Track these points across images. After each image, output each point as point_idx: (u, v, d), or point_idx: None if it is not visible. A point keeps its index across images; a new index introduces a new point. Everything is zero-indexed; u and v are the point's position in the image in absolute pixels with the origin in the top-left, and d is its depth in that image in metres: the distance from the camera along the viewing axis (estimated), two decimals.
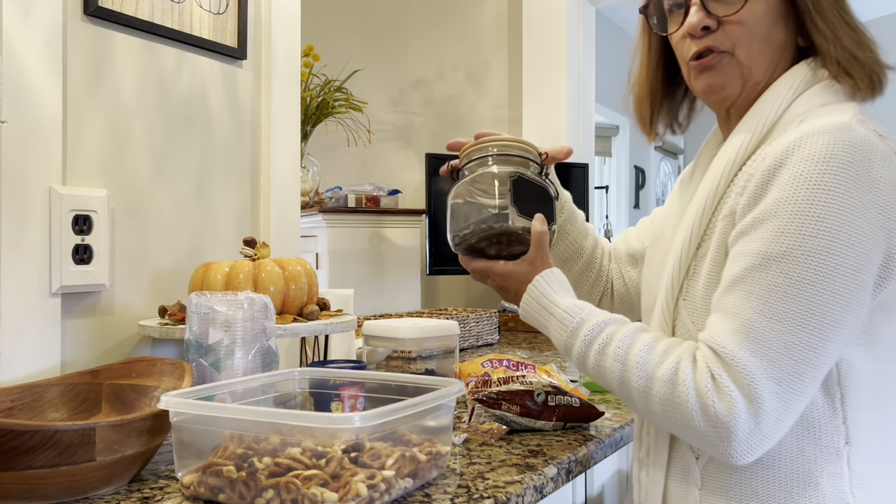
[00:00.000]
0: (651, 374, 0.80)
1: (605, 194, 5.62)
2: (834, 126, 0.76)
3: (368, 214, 2.53)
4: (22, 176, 1.07)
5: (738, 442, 0.74)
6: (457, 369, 1.43)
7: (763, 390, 0.73)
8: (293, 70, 1.56)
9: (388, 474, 0.81)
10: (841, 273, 0.73)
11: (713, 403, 0.74)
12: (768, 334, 0.73)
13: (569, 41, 2.73)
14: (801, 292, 0.73)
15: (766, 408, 0.73)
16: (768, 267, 0.75)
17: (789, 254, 0.74)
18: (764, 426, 0.74)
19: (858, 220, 0.73)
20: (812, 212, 0.73)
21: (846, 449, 0.80)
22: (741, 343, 0.74)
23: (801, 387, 0.74)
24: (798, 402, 0.75)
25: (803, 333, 0.73)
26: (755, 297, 0.75)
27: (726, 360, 0.75)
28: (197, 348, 1.06)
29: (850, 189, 0.73)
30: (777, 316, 0.73)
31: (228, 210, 1.45)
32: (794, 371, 0.73)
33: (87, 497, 0.85)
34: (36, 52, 1.09)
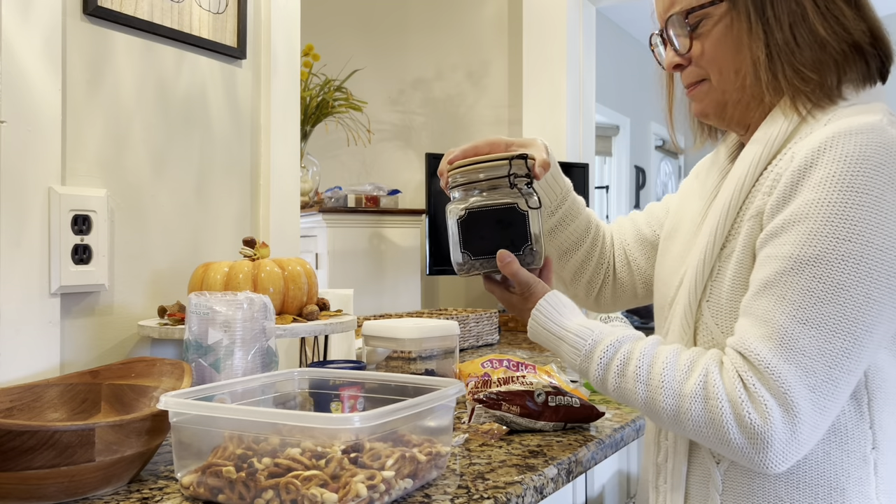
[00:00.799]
0: (679, 391, 0.78)
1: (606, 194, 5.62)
2: (865, 126, 0.75)
3: (368, 214, 2.53)
4: (21, 176, 1.07)
5: (775, 452, 0.73)
6: (457, 369, 1.43)
7: (798, 398, 0.71)
8: (293, 70, 1.56)
9: (388, 475, 0.81)
10: (875, 278, 0.72)
11: (748, 415, 0.73)
12: (802, 340, 0.72)
13: (569, 41, 2.73)
14: (835, 297, 0.72)
15: (801, 416, 0.72)
16: (801, 271, 0.73)
17: (822, 258, 0.72)
18: (800, 435, 0.72)
19: (892, 224, 0.72)
20: (845, 214, 0.72)
21: (873, 454, 0.79)
22: (774, 349, 0.73)
23: (835, 393, 0.72)
24: (833, 409, 0.73)
25: (838, 339, 0.71)
26: (787, 301, 0.73)
27: (759, 368, 0.73)
28: (196, 348, 1.06)
29: (884, 192, 0.72)
30: (810, 322, 0.72)
31: (228, 210, 1.45)
32: (828, 378, 0.72)
33: (87, 497, 0.85)
34: (35, 51, 1.09)
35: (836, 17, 0.82)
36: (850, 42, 0.82)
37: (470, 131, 2.95)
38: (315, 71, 2.43)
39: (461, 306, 2.86)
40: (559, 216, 1.10)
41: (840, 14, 0.82)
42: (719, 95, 0.89)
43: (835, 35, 0.81)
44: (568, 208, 1.11)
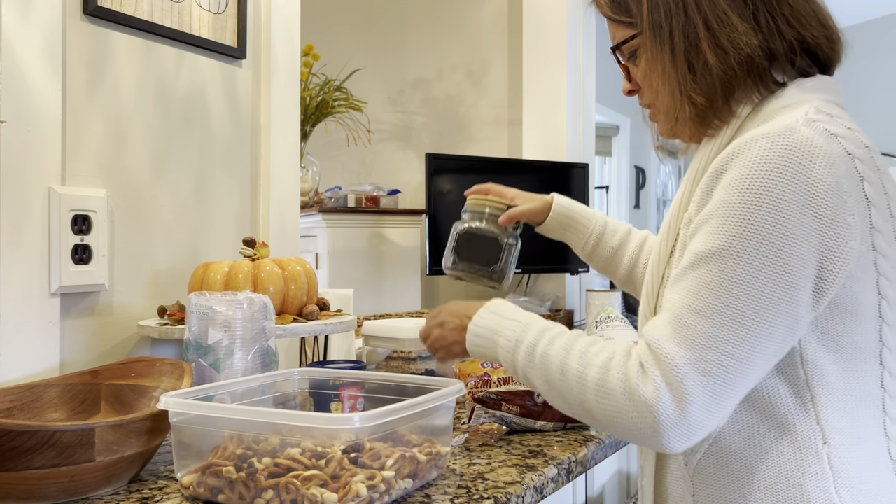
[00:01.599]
0: (590, 361, 0.82)
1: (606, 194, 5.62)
2: (775, 130, 0.78)
3: (368, 214, 2.53)
4: (21, 176, 1.07)
5: (665, 429, 0.75)
6: (457, 369, 1.43)
7: (686, 380, 0.74)
8: (293, 69, 1.56)
9: (388, 475, 0.81)
10: (769, 274, 0.75)
11: (638, 387, 0.76)
12: (694, 328, 0.75)
13: (569, 41, 2.72)
14: (729, 290, 0.75)
15: (690, 397, 0.74)
16: (701, 265, 0.77)
17: (719, 253, 0.76)
18: (690, 416, 0.74)
19: (790, 223, 0.75)
20: (743, 214, 0.75)
21: (825, 449, 0.81)
22: (670, 336, 0.77)
23: (728, 380, 0.75)
24: (727, 396, 0.75)
25: (729, 328, 0.74)
26: (687, 292, 0.78)
27: (655, 351, 0.77)
28: (196, 348, 1.06)
29: (784, 192, 0.75)
30: (704, 311, 0.75)
31: (228, 210, 1.45)
32: (719, 363, 0.74)
33: (87, 497, 0.85)
34: (35, 51, 1.09)
35: (729, 35, 0.85)
36: (739, 59, 0.85)
37: (470, 131, 2.95)
38: (315, 71, 2.43)
39: None
40: (590, 248, 1.26)
41: (733, 32, 0.85)
42: (663, 117, 0.95)
43: (723, 56, 0.85)
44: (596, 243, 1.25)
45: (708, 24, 0.86)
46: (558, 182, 2.56)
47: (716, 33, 0.86)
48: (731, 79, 0.86)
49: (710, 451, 0.85)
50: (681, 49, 0.87)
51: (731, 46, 0.85)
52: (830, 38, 0.89)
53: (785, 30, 0.87)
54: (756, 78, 0.87)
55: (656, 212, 6.14)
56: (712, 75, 0.86)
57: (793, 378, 0.81)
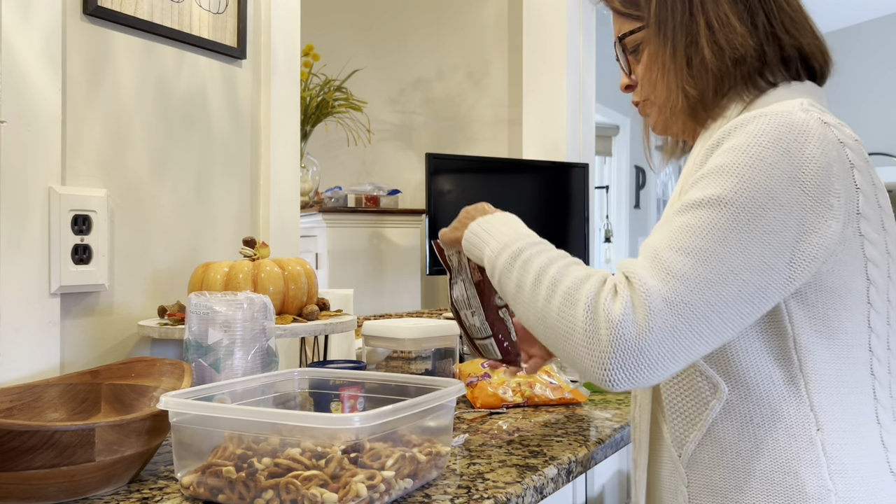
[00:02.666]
0: (569, 272, 0.82)
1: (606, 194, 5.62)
2: (774, 110, 0.81)
3: (368, 214, 2.53)
4: (21, 176, 1.07)
5: (616, 351, 0.74)
6: (457, 369, 1.43)
7: (653, 306, 0.74)
8: (293, 70, 1.56)
9: (388, 475, 0.81)
10: (749, 230, 0.76)
11: (606, 302, 0.76)
12: (670, 262, 0.76)
13: (569, 41, 2.72)
14: (710, 234, 0.77)
15: (651, 324, 0.74)
16: (685, 212, 0.79)
17: (706, 202, 0.78)
18: (645, 344, 0.74)
19: (777, 190, 0.77)
20: (735, 172, 0.78)
21: (819, 436, 0.82)
22: (645, 266, 0.78)
23: (691, 320, 0.74)
24: (685, 338, 0.75)
25: (703, 269, 0.75)
26: (668, 233, 0.79)
27: (629, 277, 0.77)
28: (196, 348, 1.06)
29: (777, 161, 0.78)
30: (682, 249, 0.77)
31: (228, 210, 1.45)
32: (686, 301, 0.74)
33: (87, 497, 0.85)
34: (35, 51, 1.09)
35: (727, 35, 0.90)
36: (734, 58, 0.90)
37: (470, 131, 2.95)
38: (315, 71, 2.43)
39: None
40: None
41: (731, 33, 0.90)
42: (658, 112, 0.98)
43: (719, 53, 0.90)
44: None
45: (709, 23, 0.91)
46: (558, 182, 2.56)
47: (715, 32, 0.90)
48: (724, 75, 0.90)
49: (703, 442, 0.86)
50: (681, 44, 0.92)
51: (728, 45, 0.90)
52: (823, 49, 0.95)
53: (782, 35, 0.92)
54: (747, 77, 0.91)
55: (656, 212, 6.14)
56: (707, 70, 0.90)
57: (786, 364, 0.83)
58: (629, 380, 0.75)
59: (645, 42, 0.96)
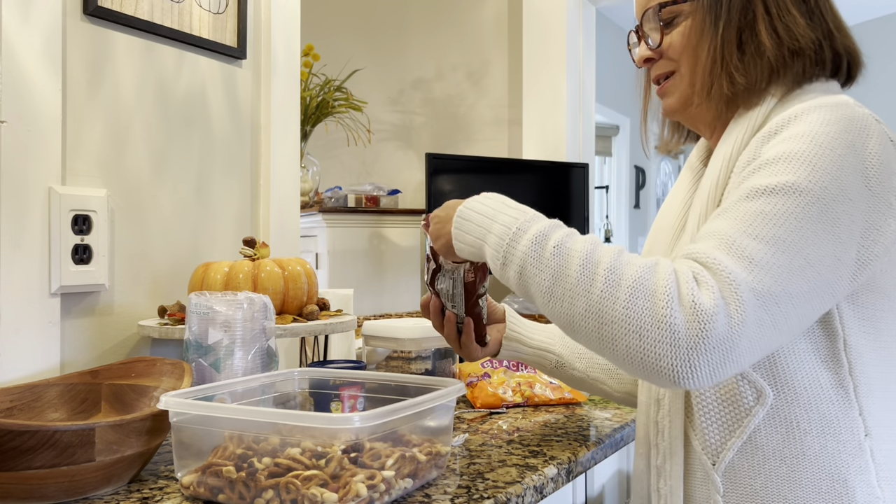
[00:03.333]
0: (628, 260, 0.73)
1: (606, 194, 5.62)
2: (836, 102, 0.78)
3: (368, 214, 2.53)
4: (21, 176, 1.07)
5: (708, 345, 0.67)
6: (457, 369, 1.43)
7: (746, 298, 0.68)
8: (293, 70, 1.56)
9: (388, 475, 0.81)
10: (824, 222, 0.72)
11: (691, 292, 0.68)
12: (751, 250, 0.70)
13: (569, 41, 2.72)
14: (786, 223, 0.72)
15: (745, 318, 0.67)
16: (757, 197, 0.74)
17: (780, 190, 0.74)
18: (737, 337, 0.67)
19: (847, 183, 0.74)
20: (809, 160, 0.74)
21: (867, 442, 0.79)
22: (724, 252, 0.71)
23: (776, 312, 0.69)
24: (770, 332, 0.70)
25: (784, 257, 0.70)
26: (740, 220, 0.73)
27: (710, 265, 0.70)
28: (196, 348, 1.06)
29: (845, 154, 0.75)
30: (762, 237, 0.71)
31: (228, 210, 1.45)
32: (773, 292, 0.69)
33: (87, 497, 0.85)
34: (35, 51, 1.09)
35: (787, 24, 0.85)
36: (793, 49, 0.85)
37: (470, 131, 2.95)
38: (315, 71, 2.43)
39: None
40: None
41: (792, 22, 0.85)
42: (687, 88, 0.92)
43: (778, 43, 0.85)
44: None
45: (768, 8, 0.86)
46: (558, 182, 2.56)
47: (774, 19, 0.85)
48: (780, 66, 0.85)
49: (743, 450, 0.80)
50: (734, 26, 0.86)
51: (787, 36, 0.85)
52: (859, 53, 0.91)
53: (836, 33, 0.88)
54: (801, 71, 0.86)
55: (656, 211, 6.14)
56: (762, 58, 0.85)
57: (835, 367, 0.79)
58: (712, 376, 0.68)
59: (687, 15, 0.90)
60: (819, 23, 0.87)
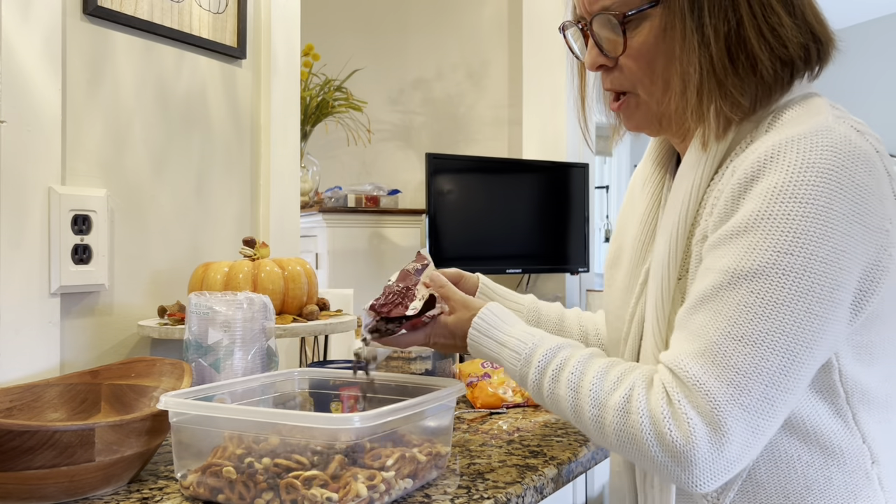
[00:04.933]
0: (604, 402, 0.74)
1: (606, 194, 5.62)
2: (811, 130, 0.70)
3: (368, 214, 2.53)
4: (21, 176, 1.07)
5: (700, 470, 0.68)
6: (457, 369, 1.43)
7: (728, 418, 0.67)
8: (293, 69, 1.56)
9: (388, 475, 0.81)
10: (817, 292, 0.67)
11: (669, 432, 0.69)
12: (736, 357, 0.67)
13: None
14: (774, 313, 0.67)
15: (731, 436, 0.67)
16: (738, 285, 0.69)
17: (762, 271, 0.68)
18: (728, 454, 0.68)
19: (838, 235, 0.68)
20: (788, 227, 0.67)
21: (875, 469, 0.76)
22: (705, 366, 0.68)
23: (771, 413, 0.68)
24: (768, 428, 0.69)
25: (775, 357, 0.67)
26: (723, 316, 0.69)
27: (688, 384, 0.69)
28: (196, 348, 1.06)
29: (831, 201, 0.67)
30: (746, 338, 0.67)
31: (228, 210, 1.45)
32: (764, 397, 0.67)
33: (87, 497, 0.85)
34: (35, 51, 1.09)
35: (774, 27, 0.74)
36: (784, 58, 0.75)
37: (470, 131, 2.95)
38: (315, 71, 2.43)
39: None
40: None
41: (778, 24, 0.74)
42: (652, 108, 0.82)
43: (769, 51, 0.74)
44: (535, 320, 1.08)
45: (752, 8, 0.74)
46: (558, 182, 2.56)
47: (760, 22, 0.74)
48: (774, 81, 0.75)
49: (744, 489, 0.76)
50: (722, 34, 0.74)
51: (776, 41, 0.74)
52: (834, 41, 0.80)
53: (816, 28, 0.77)
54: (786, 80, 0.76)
55: None
56: (756, 72, 0.74)
57: (832, 398, 0.75)
58: (720, 481, 0.69)
59: (651, 22, 0.77)
60: (801, 18, 0.76)
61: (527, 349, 0.83)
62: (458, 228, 2.39)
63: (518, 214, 2.48)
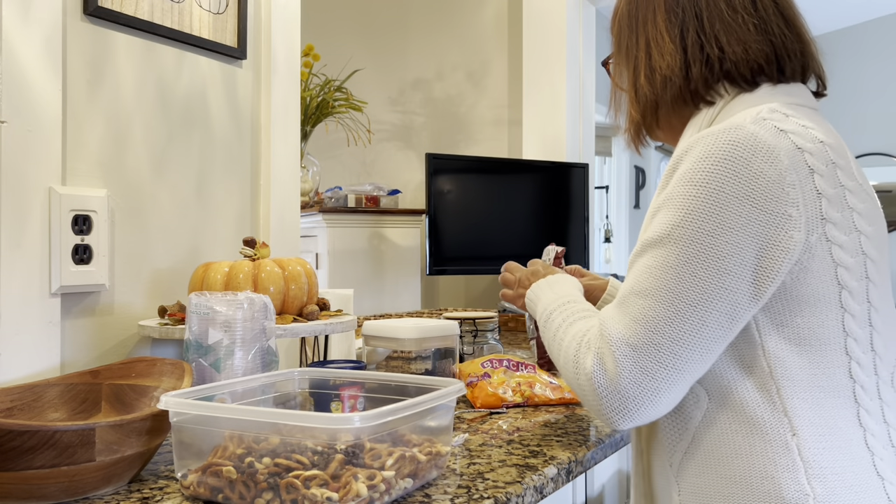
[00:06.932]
0: (568, 331, 0.91)
1: (605, 194, 5.62)
2: (722, 128, 0.83)
3: (368, 214, 2.53)
4: (22, 176, 1.07)
5: (602, 399, 0.82)
6: (457, 369, 1.43)
7: (617, 352, 0.81)
8: (293, 70, 1.56)
9: (388, 475, 0.81)
10: (702, 260, 0.79)
11: (581, 357, 0.85)
12: (633, 307, 0.82)
13: (569, 41, 2.72)
14: (666, 273, 0.81)
15: (619, 368, 0.80)
16: (645, 252, 0.84)
17: (660, 240, 0.82)
18: (621, 386, 0.80)
19: (727, 213, 0.79)
20: (683, 204, 0.81)
21: (794, 441, 0.82)
22: (614, 315, 0.84)
23: (660, 358, 0.80)
24: (660, 374, 0.80)
25: (662, 308, 0.80)
26: (632, 277, 0.85)
27: (601, 329, 0.84)
28: (197, 348, 1.06)
29: (723, 183, 0.80)
30: (642, 292, 0.82)
31: (228, 210, 1.45)
32: (650, 340, 0.80)
33: (87, 497, 0.85)
34: (36, 51, 1.09)
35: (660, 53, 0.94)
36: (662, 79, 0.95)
37: (470, 131, 2.95)
38: (315, 71, 2.43)
39: (461, 306, 2.86)
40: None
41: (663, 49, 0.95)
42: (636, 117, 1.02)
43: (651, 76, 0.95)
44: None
45: (648, 43, 0.96)
46: (558, 182, 2.56)
47: (652, 52, 0.96)
48: (658, 99, 0.96)
49: (689, 451, 0.88)
50: (631, 66, 0.98)
51: (658, 66, 0.94)
52: (801, 50, 0.94)
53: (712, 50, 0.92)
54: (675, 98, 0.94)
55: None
56: (643, 94, 0.97)
57: (757, 372, 0.84)
58: (626, 419, 0.82)
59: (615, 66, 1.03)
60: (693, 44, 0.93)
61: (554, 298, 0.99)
62: (458, 228, 2.39)
63: (518, 214, 2.48)
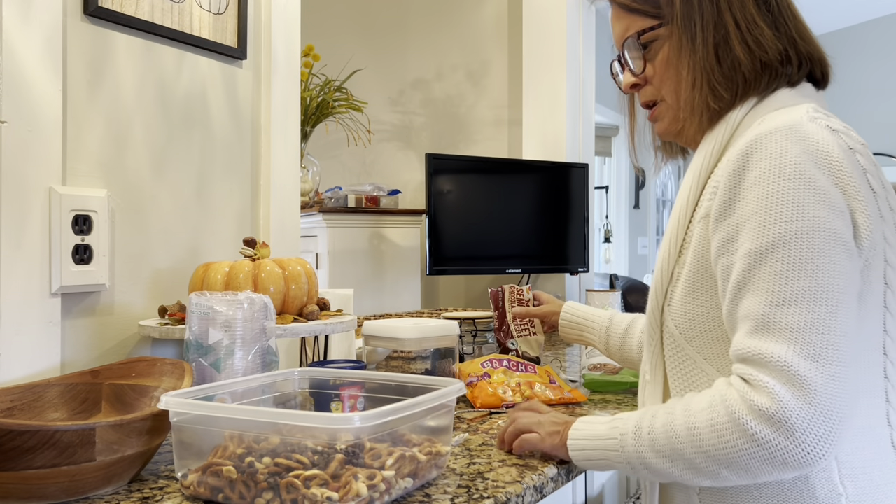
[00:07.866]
0: (693, 409, 0.80)
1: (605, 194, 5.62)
2: (784, 125, 0.82)
3: (368, 214, 2.53)
4: (22, 176, 1.07)
5: (802, 432, 0.72)
6: (457, 369, 1.43)
7: (802, 370, 0.72)
8: (293, 70, 1.56)
9: (388, 474, 0.81)
10: (830, 246, 0.76)
11: (754, 401, 0.74)
12: (786, 320, 0.74)
13: (569, 41, 2.72)
14: (803, 271, 0.75)
15: (812, 386, 0.72)
16: (763, 260, 0.77)
17: (779, 241, 0.77)
18: (819, 405, 0.72)
19: (828, 199, 0.78)
20: (786, 199, 0.78)
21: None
22: (764, 338, 0.75)
23: (840, 357, 0.73)
24: (846, 375, 0.73)
25: (820, 307, 0.74)
26: (761, 291, 0.77)
27: (756, 360, 0.75)
28: (197, 348, 1.06)
29: (814, 173, 0.78)
30: (788, 300, 0.75)
31: (228, 210, 1.45)
32: (826, 343, 0.73)
33: (87, 497, 0.85)
34: (36, 52, 1.09)
35: (757, 37, 0.90)
36: (764, 61, 0.90)
37: (470, 131, 2.95)
38: (315, 71, 2.43)
39: (461, 306, 2.86)
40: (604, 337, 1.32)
41: (760, 35, 0.90)
42: (675, 113, 0.97)
43: (750, 56, 0.90)
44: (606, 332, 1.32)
45: (738, 22, 0.90)
46: (558, 182, 2.56)
47: (744, 32, 0.90)
48: (754, 78, 0.90)
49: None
50: (711, 42, 0.90)
51: (757, 47, 0.90)
52: (824, 57, 0.96)
53: (799, 43, 0.92)
54: (770, 81, 0.90)
55: (656, 212, 6.14)
56: (737, 72, 0.90)
57: None
58: (831, 443, 0.73)
59: (663, 40, 0.95)
60: (784, 32, 0.92)
61: (619, 438, 0.88)
62: (458, 228, 2.39)
63: (518, 214, 2.48)
